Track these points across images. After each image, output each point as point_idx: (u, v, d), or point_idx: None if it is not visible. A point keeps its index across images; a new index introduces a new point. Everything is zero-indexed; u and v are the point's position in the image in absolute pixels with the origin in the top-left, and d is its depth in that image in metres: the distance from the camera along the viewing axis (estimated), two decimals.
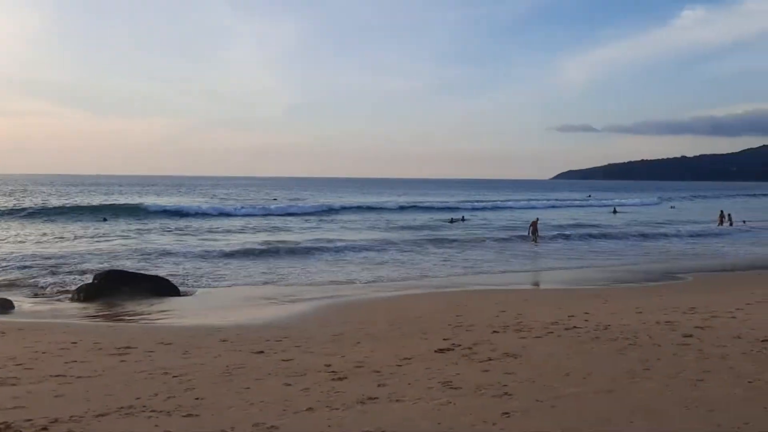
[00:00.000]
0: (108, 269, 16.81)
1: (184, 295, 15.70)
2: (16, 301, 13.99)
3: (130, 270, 17.39)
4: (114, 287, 15.10)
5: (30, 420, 5.75)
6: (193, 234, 31.90)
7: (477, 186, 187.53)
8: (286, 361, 8.44)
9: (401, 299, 15.24)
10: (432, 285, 17.74)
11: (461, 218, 43.43)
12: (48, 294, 15.66)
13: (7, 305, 13.46)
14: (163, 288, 15.66)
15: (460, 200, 73.44)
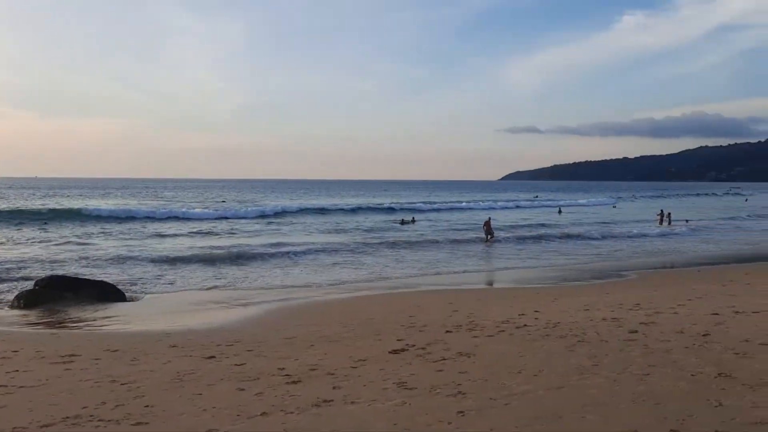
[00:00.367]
0: (50, 275, 16.23)
1: (131, 301, 15.30)
2: None
3: (73, 275, 16.83)
4: (56, 293, 14.59)
5: None
6: (140, 238, 31.08)
7: (428, 187, 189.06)
8: (239, 365, 8.31)
9: (354, 301, 15.22)
10: (385, 286, 17.77)
11: (411, 219, 43.76)
12: None
13: None
14: (108, 293, 15.20)
15: (412, 201, 73.78)
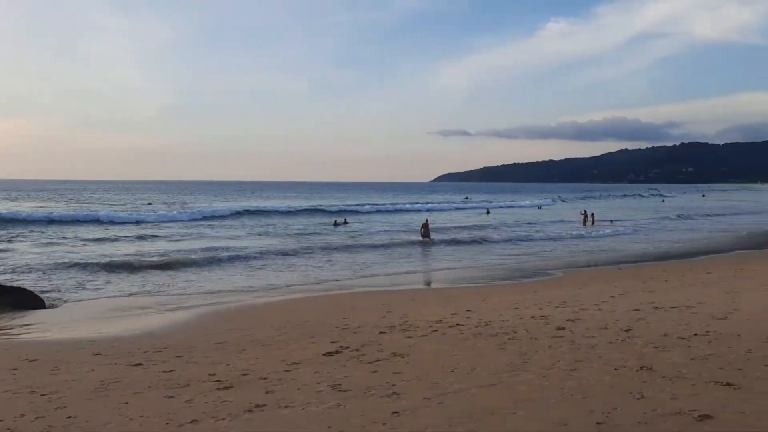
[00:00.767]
0: None
1: (51, 308, 14.61)
2: None
3: None
4: None
5: None
6: (61, 243, 29.69)
7: (361, 189, 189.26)
8: (167, 372, 8.06)
9: (287, 303, 15.05)
10: (318, 288, 17.66)
11: (344, 221, 43.75)
12: None
13: None
14: (25, 300, 14.49)
15: (347, 203, 73.54)
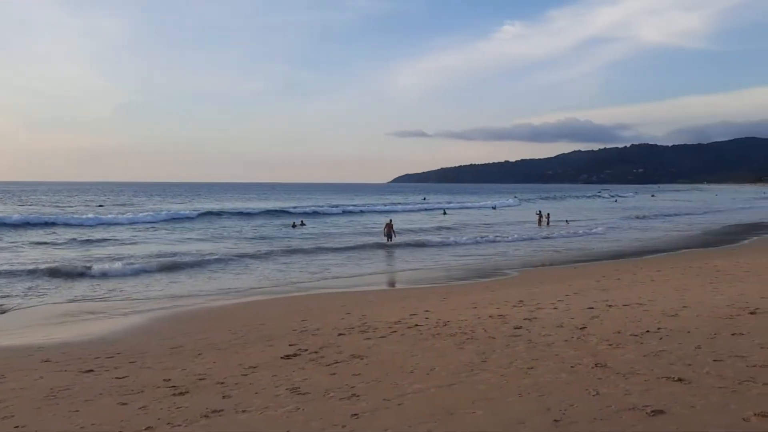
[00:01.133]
0: None
1: None
2: None
3: None
4: None
5: None
6: (6, 247, 28.61)
7: (319, 189, 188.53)
8: (120, 378, 7.87)
9: (244, 306, 14.85)
10: (276, 291, 17.48)
11: (301, 222, 43.49)
12: None
13: None
14: None
15: (305, 205, 72.87)
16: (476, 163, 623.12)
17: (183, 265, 21.97)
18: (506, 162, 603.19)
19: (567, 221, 46.48)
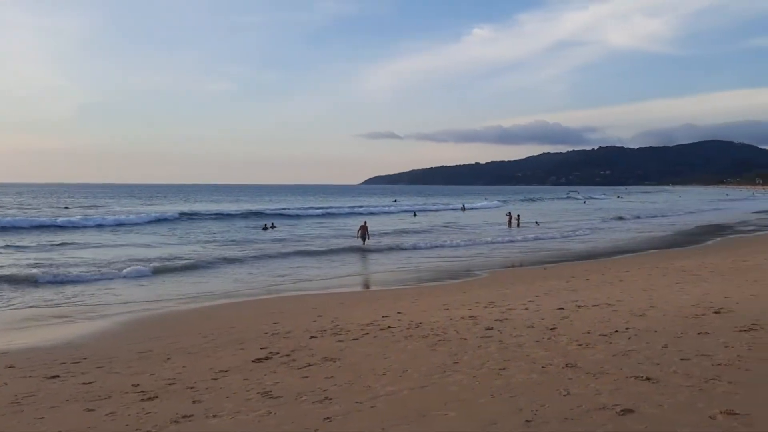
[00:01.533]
0: None
1: None
2: None
3: None
4: None
5: None
6: None
7: (290, 191, 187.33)
8: (87, 384, 7.71)
9: (214, 309, 14.67)
10: (246, 293, 17.32)
11: (271, 225, 43.14)
12: None
13: None
14: None
15: (277, 207, 72.06)
16: (447, 164, 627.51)
17: (151, 269, 21.56)
18: (477, 164, 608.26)
19: (537, 222, 46.98)
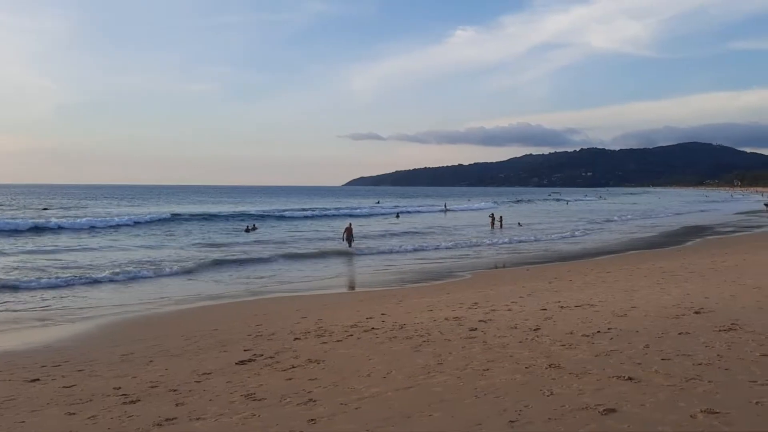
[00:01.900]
0: None
1: None
2: None
3: None
4: None
5: None
6: None
7: (273, 192, 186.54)
8: (68, 387, 7.63)
9: (197, 311, 14.58)
10: (229, 295, 17.21)
11: (253, 227, 42.92)
12: None
13: None
14: None
15: (259, 208, 71.56)
16: (430, 166, 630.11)
17: (133, 272, 21.31)
18: (460, 165, 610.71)
19: (520, 224, 47.29)
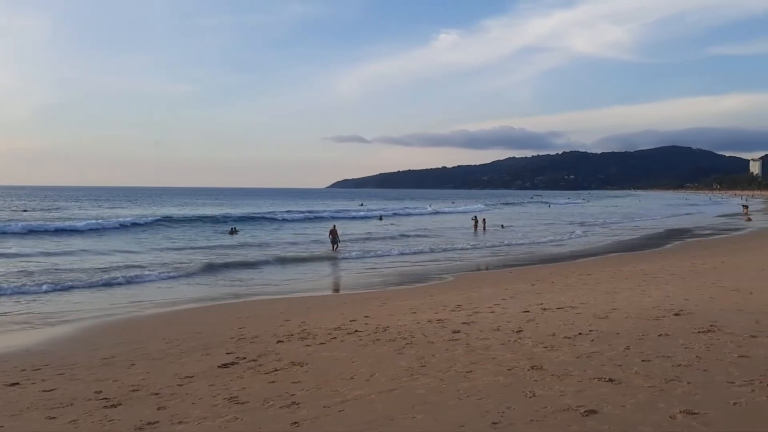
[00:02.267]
0: None
1: None
2: None
3: None
4: None
5: None
6: None
7: (257, 195, 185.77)
8: (48, 391, 7.55)
9: (179, 314, 14.48)
10: (211, 298, 17.12)
11: (234, 229, 42.65)
12: None
13: None
14: None
15: (244, 211, 70.46)
16: (414, 168, 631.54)
17: (115, 276, 21.02)
18: (444, 168, 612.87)
19: (502, 226, 47.56)
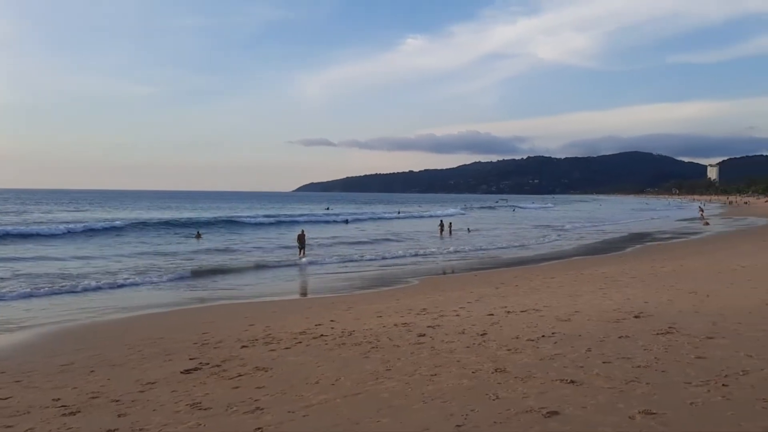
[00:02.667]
0: None
1: None
2: None
3: None
4: None
5: None
6: None
7: (222, 198, 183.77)
8: (4, 399, 7.36)
9: (140, 320, 14.22)
10: (174, 303, 16.87)
11: (197, 234, 41.97)
12: None
13: None
14: None
15: (210, 215, 69.32)
16: (381, 172, 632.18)
17: (79, 283, 20.44)
18: (410, 172, 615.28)
19: (469, 230, 48.07)
